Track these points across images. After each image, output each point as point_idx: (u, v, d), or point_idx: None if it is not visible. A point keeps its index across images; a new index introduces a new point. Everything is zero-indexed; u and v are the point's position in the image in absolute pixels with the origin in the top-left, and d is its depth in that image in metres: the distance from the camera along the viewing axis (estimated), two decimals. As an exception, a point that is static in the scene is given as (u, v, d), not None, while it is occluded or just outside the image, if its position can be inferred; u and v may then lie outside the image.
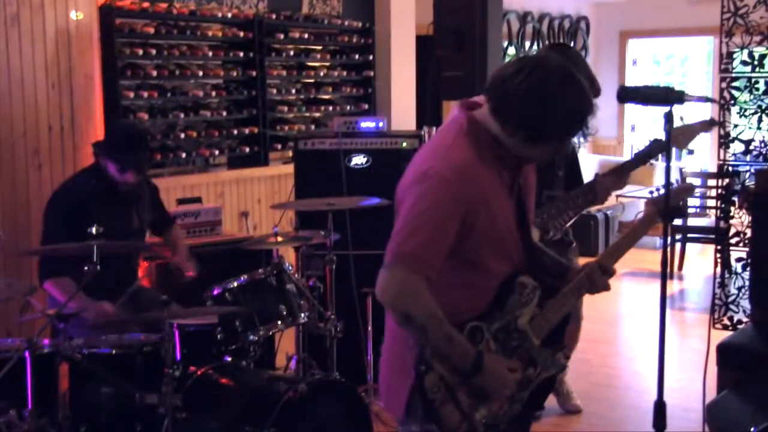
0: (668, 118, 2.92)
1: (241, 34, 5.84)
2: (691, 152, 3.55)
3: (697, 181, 8.14)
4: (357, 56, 6.71)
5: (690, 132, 3.58)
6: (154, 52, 5.31)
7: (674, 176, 7.49)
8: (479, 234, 2.14)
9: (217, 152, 5.83)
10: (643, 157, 3.67)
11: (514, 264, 2.26)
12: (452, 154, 2.13)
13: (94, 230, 3.09)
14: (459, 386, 2.18)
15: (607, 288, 2.38)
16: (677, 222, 7.66)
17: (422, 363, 2.14)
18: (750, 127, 5.52)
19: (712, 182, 7.47)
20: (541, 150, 2.18)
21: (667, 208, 2.55)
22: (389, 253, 2.13)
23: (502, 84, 2.11)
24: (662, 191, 2.61)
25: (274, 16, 6.09)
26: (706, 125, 3.65)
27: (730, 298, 5.58)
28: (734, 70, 5.56)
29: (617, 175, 3.66)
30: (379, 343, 2.42)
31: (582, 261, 3.82)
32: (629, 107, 9.77)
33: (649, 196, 2.76)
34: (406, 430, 2.28)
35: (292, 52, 6.27)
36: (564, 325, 2.35)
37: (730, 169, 5.60)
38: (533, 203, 2.40)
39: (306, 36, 6.35)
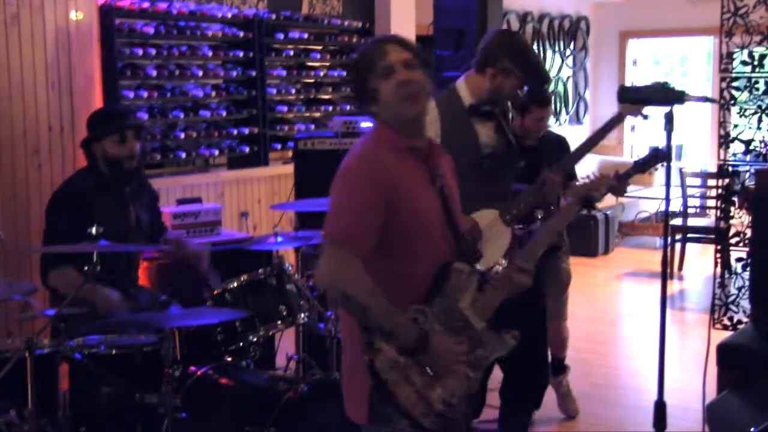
0: (668, 117, 2.92)
1: (241, 34, 5.84)
2: (645, 117, 3.48)
3: (697, 181, 8.14)
4: (357, 56, 6.70)
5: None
6: (154, 52, 5.31)
7: (674, 176, 7.51)
8: (405, 217, 2.28)
9: (217, 152, 5.83)
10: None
11: (445, 251, 2.37)
12: (359, 151, 2.38)
13: (93, 231, 3.09)
14: (410, 367, 2.25)
15: (526, 286, 2.47)
16: (677, 222, 7.66)
17: (370, 346, 2.23)
18: (750, 127, 5.52)
19: (712, 182, 7.47)
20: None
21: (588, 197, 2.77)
22: (323, 236, 2.29)
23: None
24: (585, 181, 2.83)
25: (274, 16, 6.09)
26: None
27: (730, 298, 5.58)
28: (734, 70, 5.56)
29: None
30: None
31: (582, 261, 3.84)
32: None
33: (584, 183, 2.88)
34: None
35: (292, 52, 6.27)
36: (510, 307, 2.45)
37: (730, 169, 5.60)
38: (457, 196, 2.51)
39: (306, 36, 6.35)
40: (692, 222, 7.79)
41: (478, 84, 3.37)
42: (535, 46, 8.93)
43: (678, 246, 7.70)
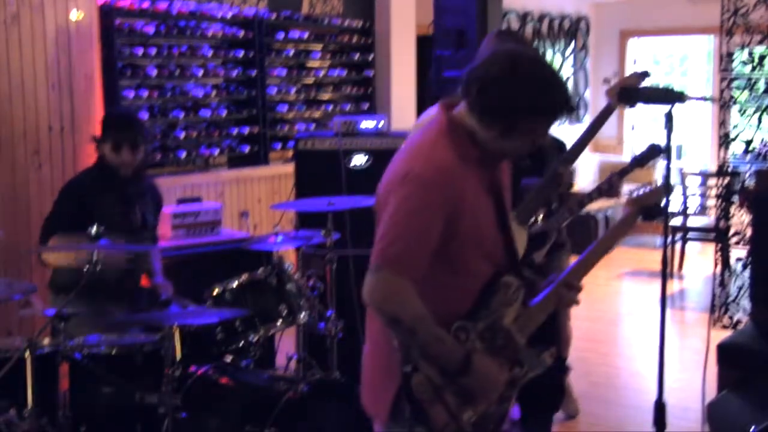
0: (668, 117, 2.93)
1: (241, 33, 5.84)
2: (633, 106, 3.45)
3: (697, 181, 8.14)
4: (357, 56, 6.71)
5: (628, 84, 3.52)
6: (154, 52, 5.32)
7: (674, 176, 7.51)
8: (463, 236, 2.14)
9: (217, 152, 5.83)
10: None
11: (496, 264, 2.25)
12: (433, 155, 2.14)
13: (94, 230, 3.09)
14: (446, 387, 2.17)
15: (575, 303, 2.37)
16: (677, 222, 7.67)
17: (408, 364, 2.14)
18: (750, 127, 5.52)
19: (712, 182, 7.47)
20: (519, 142, 2.16)
21: (650, 207, 2.52)
22: (375, 257, 2.13)
23: (476, 79, 2.15)
24: (641, 191, 2.58)
25: (274, 16, 6.09)
26: (638, 77, 3.57)
27: (730, 298, 5.58)
28: (734, 70, 5.57)
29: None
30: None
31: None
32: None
33: (629, 195, 2.73)
34: None
35: (292, 52, 6.27)
36: (548, 325, 2.36)
37: (730, 168, 5.60)
38: (510, 203, 2.39)
39: (306, 36, 6.35)
40: (692, 221, 7.79)
41: None
42: (535, 46, 8.93)
43: (678, 245, 7.70)
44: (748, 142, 5.54)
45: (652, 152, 3.59)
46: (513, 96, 2.09)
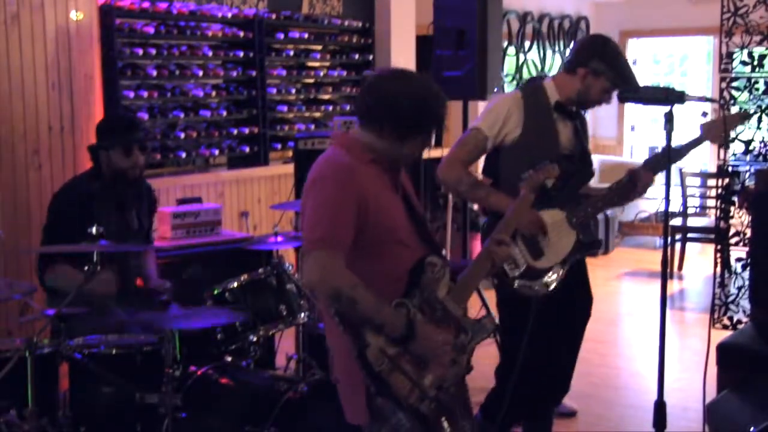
0: (668, 117, 2.93)
1: (241, 34, 5.84)
2: (705, 114, 3.45)
3: (697, 181, 8.14)
4: (357, 56, 6.71)
5: (728, 124, 3.56)
6: (154, 52, 5.31)
7: (674, 176, 7.50)
8: (373, 222, 2.41)
9: (217, 152, 5.83)
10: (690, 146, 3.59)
11: (415, 251, 2.50)
12: (334, 161, 2.48)
13: (94, 230, 3.09)
14: (400, 356, 2.36)
15: (507, 257, 2.71)
16: (677, 222, 7.66)
17: (359, 340, 2.34)
18: (750, 127, 5.52)
19: (712, 182, 7.47)
20: (411, 146, 2.51)
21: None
22: (305, 244, 2.41)
23: (363, 99, 2.52)
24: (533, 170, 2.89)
25: (274, 16, 6.09)
26: (741, 118, 3.61)
27: (730, 298, 5.58)
28: (734, 70, 5.57)
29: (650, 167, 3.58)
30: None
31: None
32: (629, 107, 9.77)
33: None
34: None
35: (292, 52, 6.27)
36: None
37: (730, 169, 5.60)
38: (417, 202, 2.66)
39: (306, 36, 6.35)
40: (692, 222, 7.79)
41: (567, 83, 3.47)
42: (535, 46, 8.94)
43: (678, 246, 7.70)
44: (748, 142, 5.54)
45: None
46: (393, 112, 2.46)
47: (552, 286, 3.36)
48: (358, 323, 2.36)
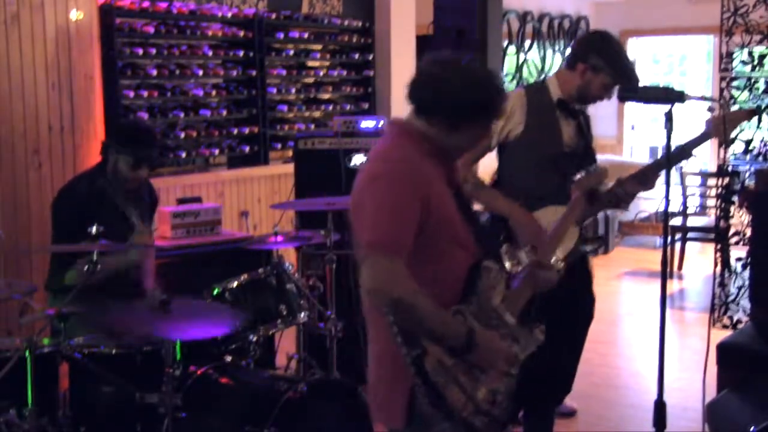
0: (668, 117, 2.93)
1: (241, 33, 5.84)
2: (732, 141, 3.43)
3: (697, 181, 8.14)
4: (357, 56, 6.71)
5: (734, 120, 3.55)
6: (154, 52, 5.31)
7: (674, 176, 7.51)
8: (435, 221, 2.27)
9: (217, 152, 5.83)
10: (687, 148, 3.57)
11: (471, 252, 2.38)
12: (394, 154, 2.33)
13: (94, 230, 3.09)
14: (456, 367, 2.23)
15: (552, 282, 2.54)
16: (677, 222, 7.67)
17: (415, 349, 2.19)
18: (750, 127, 5.52)
19: (712, 182, 7.47)
20: (466, 136, 2.39)
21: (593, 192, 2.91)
22: (364, 248, 2.24)
23: (416, 85, 2.41)
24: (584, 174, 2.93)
25: (274, 16, 6.09)
26: (747, 114, 3.61)
27: (730, 298, 5.58)
28: (734, 70, 5.57)
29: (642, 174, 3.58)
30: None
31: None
32: (629, 106, 9.77)
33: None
34: None
35: (291, 52, 6.27)
36: (533, 304, 2.48)
37: (730, 168, 5.60)
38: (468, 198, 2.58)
39: (306, 35, 6.35)
40: (692, 221, 7.79)
41: (567, 80, 3.47)
42: (535, 46, 8.94)
43: (678, 245, 7.70)
44: (748, 142, 5.54)
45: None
46: (448, 95, 2.34)
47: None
48: (415, 330, 2.21)
